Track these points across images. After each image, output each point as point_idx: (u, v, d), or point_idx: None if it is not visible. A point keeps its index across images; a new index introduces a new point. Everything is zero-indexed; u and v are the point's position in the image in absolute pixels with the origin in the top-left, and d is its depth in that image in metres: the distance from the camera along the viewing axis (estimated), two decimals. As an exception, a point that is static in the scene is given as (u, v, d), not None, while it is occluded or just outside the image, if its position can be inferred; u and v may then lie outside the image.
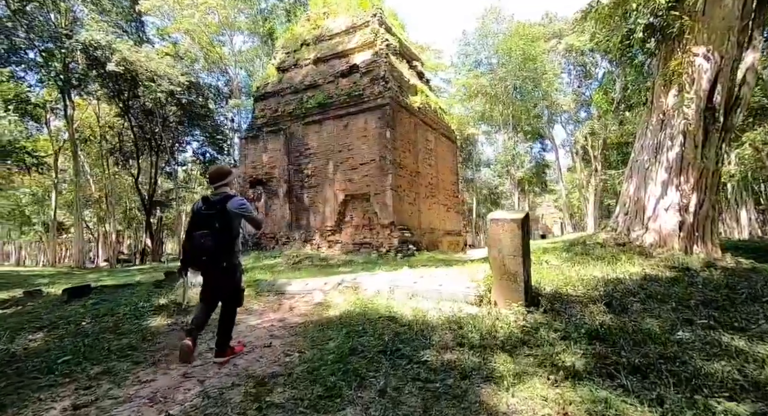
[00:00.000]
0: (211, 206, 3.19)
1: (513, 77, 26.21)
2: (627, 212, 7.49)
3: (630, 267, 5.79)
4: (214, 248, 3.09)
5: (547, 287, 4.73)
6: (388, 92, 11.72)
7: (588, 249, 7.13)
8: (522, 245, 3.64)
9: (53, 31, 18.31)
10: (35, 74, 23.06)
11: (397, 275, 5.43)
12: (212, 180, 3.40)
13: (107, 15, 22.61)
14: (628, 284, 4.87)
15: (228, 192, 3.34)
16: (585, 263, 6.08)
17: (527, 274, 3.81)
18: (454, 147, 16.77)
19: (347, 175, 12.19)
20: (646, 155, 7.43)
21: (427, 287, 4.32)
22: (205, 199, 3.27)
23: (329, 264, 9.53)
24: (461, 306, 3.97)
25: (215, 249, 3.10)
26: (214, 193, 3.34)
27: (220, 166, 3.64)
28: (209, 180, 3.45)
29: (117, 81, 20.45)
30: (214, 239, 3.09)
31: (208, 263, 3.13)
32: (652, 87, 7.65)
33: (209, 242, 3.08)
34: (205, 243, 3.08)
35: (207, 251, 3.09)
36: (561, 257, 6.45)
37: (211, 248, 3.08)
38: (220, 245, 3.12)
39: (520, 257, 3.66)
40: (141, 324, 4.09)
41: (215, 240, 3.09)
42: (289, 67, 14.14)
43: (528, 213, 3.79)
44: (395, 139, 11.84)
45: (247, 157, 14.17)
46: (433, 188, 14.35)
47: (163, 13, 23.51)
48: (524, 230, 3.70)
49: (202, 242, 3.09)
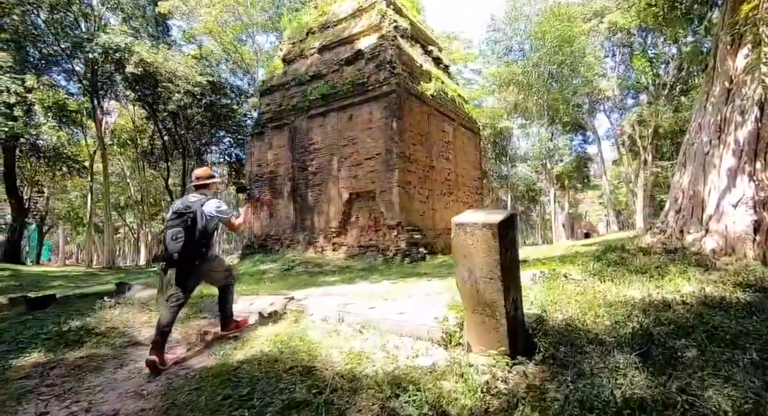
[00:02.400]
0: (188, 206, 3.30)
1: (548, 63, 23.93)
2: (680, 209, 5.84)
3: (683, 284, 4.27)
4: (183, 247, 3.17)
5: (557, 316, 3.39)
6: (394, 78, 10.52)
7: (627, 257, 5.59)
8: (502, 261, 2.38)
9: (75, 35, 18.69)
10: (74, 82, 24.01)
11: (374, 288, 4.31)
12: (197, 179, 3.60)
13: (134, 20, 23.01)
14: (678, 312, 3.41)
15: (207, 194, 3.53)
16: (620, 278, 4.60)
17: (514, 305, 2.53)
18: (477, 139, 15.25)
19: (352, 171, 11.13)
20: (705, 135, 5.74)
21: (385, 316, 3.14)
22: (185, 200, 3.41)
23: (322, 271, 8.52)
24: (421, 349, 2.76)
25: (184, 248, 3.17)
26: (194, 194, 3.51)
27: (205, 168, 3.80)
28: (194, 179, 3.63)
29: (139, 84, 20.68)
30: (185, 238, 3.18)
31: (179, 261, 3.21)
32: (715, 48, 5.93)
33: (180, 241, 3.17)
34: (176, 242, 3.17)
35: (177, 250, 3.17)
36: (588, 269, 4.99)
37: (180, 248, 3.17)
38: (191, 244, 3.20)
39: (499, 280, 2.39)
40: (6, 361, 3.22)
41: (186, 239, 3.18)
42: (294, 58, 13.30)
43: (514, 214, 2.50)
44: (403, 130, 10.62)
45: (253, 155, 13.50)
46: (451, 184, 12.97)
47: (182, 14, 23.63)
48: (506, 239, 2.43)
49: (173, 241, 3.19)
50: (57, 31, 19.14)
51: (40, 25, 20.13)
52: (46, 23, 19.77)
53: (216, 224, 3.44)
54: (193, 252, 3.22)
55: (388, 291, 4.38)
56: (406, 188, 10.53)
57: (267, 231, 12.81)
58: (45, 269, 20.96)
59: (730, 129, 5.43)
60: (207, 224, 3.31)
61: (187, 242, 3.18)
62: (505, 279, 2.42)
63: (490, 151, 40.58)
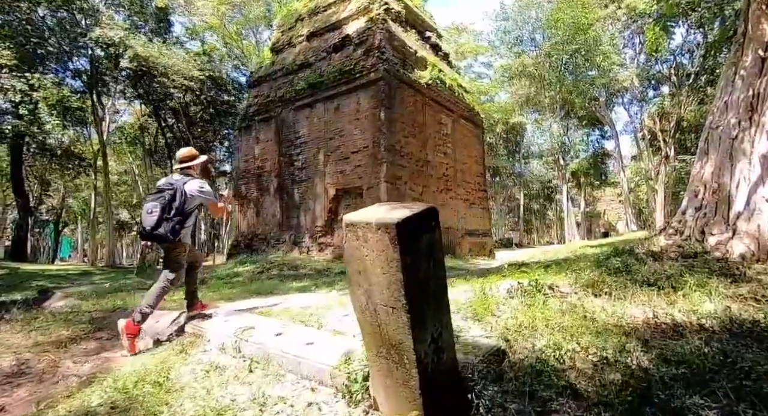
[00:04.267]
0: (170, 183, 3.26)
1: (561, 51, 22.55)
2: (700, 205, 4.84)
3: (702, 300, 3.34)
4: (157, 221, 3.10)
5: (525, 349, 2.53)
6: (382, 64, 9.67)
7: (633, 263, 4.65)
8: (407, 281, 1.54)
9: (69, 30, 18.47)
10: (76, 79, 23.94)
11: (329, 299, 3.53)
12: (180, 161, 3.49)
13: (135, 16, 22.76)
14: (693, 344, 2.49)
15: (193, 175, 3.43)
16: (621, 291, 3.68)
17: (434, 346, 1.69)
18: (479, 132, 14.25)
19: (338, 166, 10.35)
20: (733, 115, 4.72)
21: (288, 348, 2.33)
22: (169, 178, 3.41)
23: (297, 275, 7.77)
24: (316, 403, 1.94)
25: (157, 222, 3.10)
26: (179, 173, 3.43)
27: (190, 148, 3.67)
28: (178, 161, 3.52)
29: (139, 80, 20.38)
30: (159, 213, 3.10)
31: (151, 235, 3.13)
32: (746, 8, 4.89)
33: (154, 215, 3.11)
34: (150, 216, 3.11)
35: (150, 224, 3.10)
36: (582, 278, 4.06)
37: (154, 221, 3.10)
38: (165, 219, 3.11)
39: (404, 311, 1.56)
40: None
41: (160, 214, 3.10)
42: (282, 47, 12.59)
43: (430, 210, 1.65)
44: (393, 121, 9.78)
45: (240, 150, 12.87)
46: (449, 180, 12.05)
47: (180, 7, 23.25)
48: (416, 247, 1.59)
49: (147, 214, 3.13)
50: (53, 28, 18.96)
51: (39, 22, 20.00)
52: (43, 20, 19.61)
53: (196, 206, 3.38)
54: (164, 228, 3.11)
55: (331, 305, 3.59)
56: (395, 184, 9.69)
57: (254, 230, 12.16)
58: (44, 267, 20.91)
59: (765, 107, 4.41)
60: (186, 202, 3.24)
61: (161, 218, 3.10)
62: (414, 309, 1.58)
63: (503, 147, 39.26)
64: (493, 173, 41.36)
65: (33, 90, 20.89)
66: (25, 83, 19.57)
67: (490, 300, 3.42)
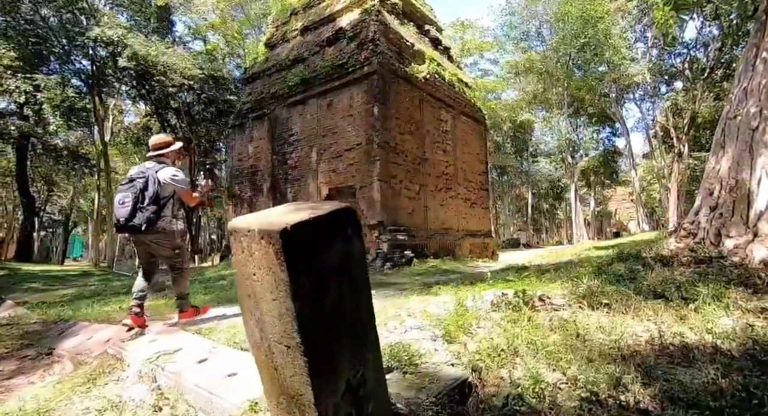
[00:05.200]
0: (142, 172, 3.15)
1: (569, 47, 21.82)
2: (716, 204, 4.32)
3: (717, 315, 2.85)
4: (130, 212, 3.00)
5: (498, 379, 2.07)
6: (376, 58, 9.24)
7: (639, 270, 4.15)
8: (301, 311, 1.10)
9: (68, 29, 18.41)
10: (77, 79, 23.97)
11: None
12: (153, 148, 3.39)
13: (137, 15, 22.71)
14: (708, 375, 2.00)
15: (166, 162, 3.32)
16: (623, 302, 3.20)
17: (350, 398, 1.24)
18: (482, 129, 13.72)
19: (331, 164, 9.96)
20: (753, 104, 4.19)
21: (205, 381, 1.91)
22: (141, 166, 3.27)
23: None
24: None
25: (130, 213, 3.00)
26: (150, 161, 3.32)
27: (162, 135, 3.59)
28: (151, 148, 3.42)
29: (139, 79, 20.27)
30: (132, 203, 3.01)
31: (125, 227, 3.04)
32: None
33: (126, 206, 3.01)
34: (122, 207, 3.02)
35: (123, 216, 3.01)
36: (579, 287, 3.58)
37: (127, 212, 3.01)
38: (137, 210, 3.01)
39: (299, 352, 1.12)
40: None
41: (132, 204, 3.01)
42: (276, 43, 12.23)
43: (338, 212, 1.21)
44: (387, 117, 9.34)
45: (234, 149, 12.55)
46: (448, 178, 11.57)
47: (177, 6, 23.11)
48: (320, 262, 1.15)
49: (120, 205, 3.05)
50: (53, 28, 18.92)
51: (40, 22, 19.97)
52: (44, 20, 19.58)
53: (171, 193, 3.24)
54: (139, 218, 3.00)
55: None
56: (390, 183, 9.25)
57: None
58: (48, 268, 20.92)
59: (791, 93, 3.88)
60: (159, 190, 3.12)
61: (134, 208, 3.00)
62: (316, 350, 1.15)
63: (510, 146, 38.51)
64: (501, 172, 40.61)
65: (38, 91, 20.91)
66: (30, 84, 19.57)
67: (469, 315, 2.97)
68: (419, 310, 3.38)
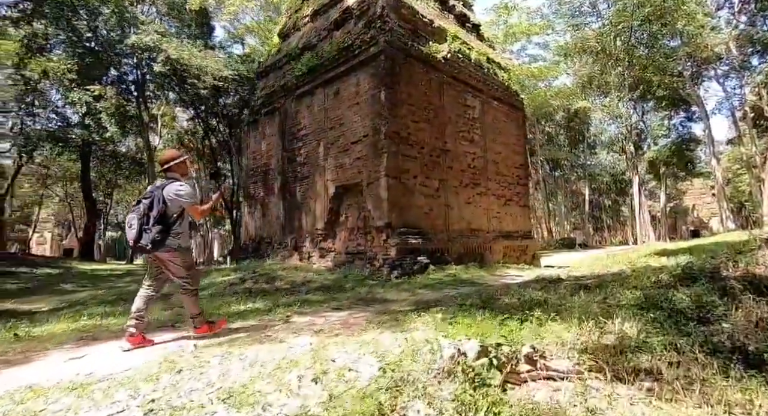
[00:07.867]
0: (151, 191, 3.17)
1: (630, 19, 18.88)
2: None
3: None
4: (137, 235, 3.05)
5: None
6: (382, 36, 8.07)
7: (716, 303, 2.63)
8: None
9: (106, 37, 19.21)
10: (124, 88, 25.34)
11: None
12: (161, 164, 3.37)
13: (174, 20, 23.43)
14: None
15: (176, 177, 3.31)
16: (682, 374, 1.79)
17: None
18: (519, 116, 11.96)
19: (338, 159, 8.95)
20: None
21: None
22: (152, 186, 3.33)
23: (264, 291, 6.49)
24: None
25: (138, 234, 3.05)
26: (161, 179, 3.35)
27: (170, 150, 3.63)
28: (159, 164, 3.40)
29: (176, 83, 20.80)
30: (138, 225, 3.05)
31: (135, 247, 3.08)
32: None
33: (133, 228, 3.08)
34: (130, 229, 3.08)
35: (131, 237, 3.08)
36: (604, 335, 2.19)
37: (134, 234, 3.07)
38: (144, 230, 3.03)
39: None
40: None
41: (138, 226, 3.05)
42: (288, 32, 11.49)
43: None
44: (396, 103, 8.13)
45: (249, 147, 12.02)
46: (476, 173, 10.08)
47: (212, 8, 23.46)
48: None
49: (128, 228, 3.09)
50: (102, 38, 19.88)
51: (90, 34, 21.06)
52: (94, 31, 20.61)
53: (180, 209, 3.21)
54: (144, 239, 3.02)
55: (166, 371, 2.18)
56: (400, 179, 8.04)
57: (261, 233, 11.21)
58: (99, 266, 22.22)
59: None
60: (167, 208, 3.11)
61: (140, 230, 3.04)
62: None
63: (563, 137, 35.25)
64: (554, 166, 37.34)
65: (96, 101, 22.21)
66: (89, 95, 20.81)
67: (400, 391, 1.76)
68: (341, 366, 2.21)
